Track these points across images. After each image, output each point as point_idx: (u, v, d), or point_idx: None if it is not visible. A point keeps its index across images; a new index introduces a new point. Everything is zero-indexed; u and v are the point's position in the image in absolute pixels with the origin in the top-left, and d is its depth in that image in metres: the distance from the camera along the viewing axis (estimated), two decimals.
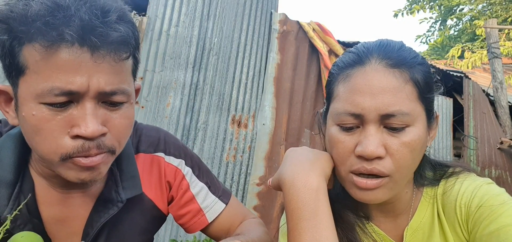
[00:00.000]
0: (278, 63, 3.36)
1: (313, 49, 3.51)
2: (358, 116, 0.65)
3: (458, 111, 4.75)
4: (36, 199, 0.74)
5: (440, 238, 0.73)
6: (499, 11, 9.94)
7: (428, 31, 12.21)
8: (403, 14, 10.83)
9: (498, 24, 6.74)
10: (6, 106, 0.69)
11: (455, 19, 11.32)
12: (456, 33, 11.79)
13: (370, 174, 0.66)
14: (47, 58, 0.58)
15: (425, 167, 0.77)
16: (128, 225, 0.84)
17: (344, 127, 0.68)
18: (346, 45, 3.57)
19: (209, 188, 0.93)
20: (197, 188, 0.91)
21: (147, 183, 0.87)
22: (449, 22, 11.57)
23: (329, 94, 0.74)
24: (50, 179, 0.75)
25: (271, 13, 3.44)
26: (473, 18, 10.64)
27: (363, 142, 0.64)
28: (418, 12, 10.83)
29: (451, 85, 4.79)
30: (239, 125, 3.17)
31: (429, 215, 0.75)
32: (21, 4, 0.58)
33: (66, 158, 0.64)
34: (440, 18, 11.64)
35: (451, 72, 4.74)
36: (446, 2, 10.85)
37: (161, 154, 0.90)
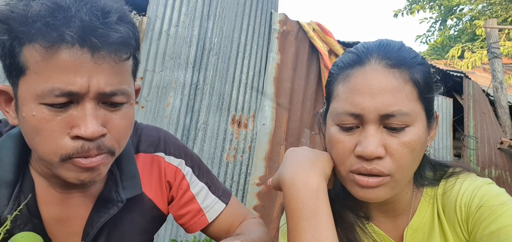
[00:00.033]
0: (278, 63, 3.36)
1: (313, 49, 3.51)
2: (357, 116, 0.65)
3: (458, 111, 4.75)
4: (36, 199, 0.74)
5: (440, 238, 0.73)
6: (499, 11, 9.94)
7: (428, 31, 12.22)
8: (403, 14, 10.83)
9: (498, 24, 6.74)
10: (6, 106, 0.69)
11: (455, 19, 11.32)
12: (456, 33, 11.79)
13: (370, 174, 0.66)
14: (47, 58, 0.58)
15: (425, 167, 0.77)
16: (128, 225, 0.84)
17: (344, 127, 0.68)
18: (346, 45, 3.57)
19: (209, 188, 0.93)
20: (197, 188, 0.91)
21: (147, 183, 0.87)
22: (449, 22, 11.57)
23: (329, 94, 0.74)
24: (50, 179, 0.75)
25: (271, 13, 3.44)
26: (473, 18, 10.64)
27: (363, 142, 0.65)
28: (418, 12, 10.83)
29: (451, 85, 4.79)
30: (239, 125, 3.17)
31: (429, 215, 0.75)
32: (21, 4, 0.58)
33: (66, 159, 0.64)
34: (440, 18, 11.64)
35: (451, 72, 4.74)
36: (446, 2, 10.85)
37: (161, 154, 0.90)
